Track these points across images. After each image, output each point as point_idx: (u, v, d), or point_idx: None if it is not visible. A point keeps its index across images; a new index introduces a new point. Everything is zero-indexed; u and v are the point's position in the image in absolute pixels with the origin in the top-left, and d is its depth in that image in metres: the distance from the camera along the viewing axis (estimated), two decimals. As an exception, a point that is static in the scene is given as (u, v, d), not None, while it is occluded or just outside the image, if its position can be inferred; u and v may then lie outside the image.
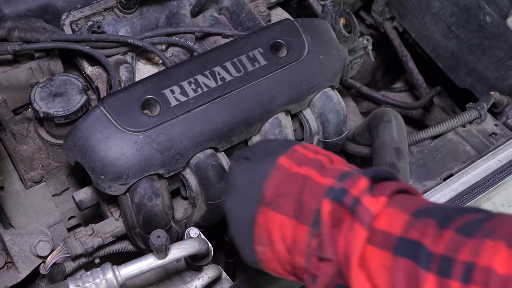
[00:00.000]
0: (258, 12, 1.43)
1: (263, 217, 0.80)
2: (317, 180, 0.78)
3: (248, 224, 0.82)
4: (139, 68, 1.32)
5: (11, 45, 1.23)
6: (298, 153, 0.84)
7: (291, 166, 0.82)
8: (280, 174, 0.81)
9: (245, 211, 0.83)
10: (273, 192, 0.80)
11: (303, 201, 0.77)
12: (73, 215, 1.31)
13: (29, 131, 1.29)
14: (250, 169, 0.86)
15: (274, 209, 0.79)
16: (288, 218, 0.78)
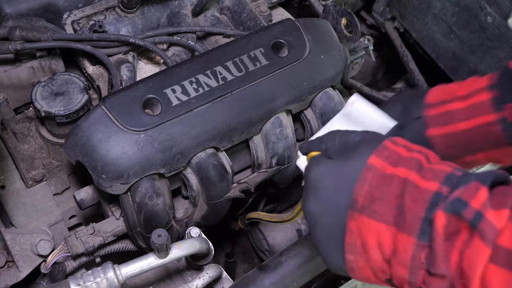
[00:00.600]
0: (259, 12, 1.43)
1: (356, 224, 0.74)
2: (418, 184, 0.71)
3: (336, 231, 0.76)
4: (140, 67, 1.33)
5: (12, 44, 1.23)
6: (389, 151, 0.76)
7: (384, 167, 0.74)
8: (373, 176, 0.74)
9: (333, 217, 0.77)
10: (366, 197, 0.73)
11: (404, 207, 0.70)
12: (74, 214, 1.31)
13: (30, 130, 1.29)
14: (335, 169, 0.78)
15: (369, 215, 0.73)
16: (386, 226, 0.71)
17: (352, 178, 0.75)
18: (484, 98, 0.94)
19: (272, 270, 1.10)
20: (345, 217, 0.75)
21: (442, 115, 0.98)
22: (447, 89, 1.00)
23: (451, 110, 0.97)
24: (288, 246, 1.15)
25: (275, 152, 1.21)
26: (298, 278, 1.11)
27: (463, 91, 0.97)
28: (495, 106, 0.93)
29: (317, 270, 1.13)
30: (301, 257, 1.12)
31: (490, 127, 0.94)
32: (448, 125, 0.97)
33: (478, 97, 0.95)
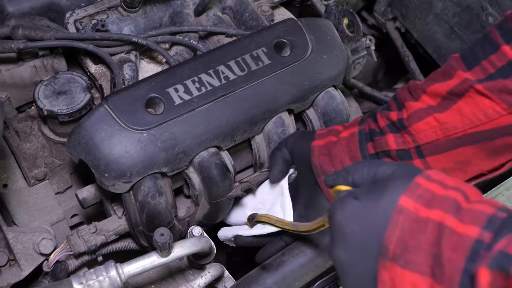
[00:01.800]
0: (261, 12, 1.43)
1: (388, 274, 0.68)
2: (456, 229, 0.64)
3: (368, 280, 0.71)
4: (143, 66, 1.33)
5: (15, 43, 1.23)
6: (422, 189, 0.69)
7: (417, 209, 0.67)
8: (405, 220, 0.67)
9: (363, 265, 0.71)
10: (398, 244, 0.67)
11: (442, 257, 0.64)
12: (76, 213, 1.31)
13: (32, 129, 1.29)
14: (362, 212, 0.71)
15: (402, 265, 0.66)
16: (422, 277, 0.65)
17: (382, 222, 0.69)
18: (356, 120, 1.13)
19: (274, 270, 1.10)
20: (376, 266, 0.69)
21: (326, 132, 1.14)
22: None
23: (333, 129, 1.14)
24: (291, 245, 1.15)
25: (277, 151, 1.22)
26: (300, 278, 1.11)
27: (348, 123, 1.17)
28: (360, 122, 1.11)
29: (319, 270, 1.14)
30: (303, 256, 1.12)
31: (350, 138, 1.09)
32: (325, 138, 1.12)
33: (353, 120, 1.14)
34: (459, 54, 1.03)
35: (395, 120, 1.05)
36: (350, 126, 1.13)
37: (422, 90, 1.04)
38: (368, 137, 1.08)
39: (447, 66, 1.04)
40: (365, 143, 1.07)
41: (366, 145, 1.07)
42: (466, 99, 0.98)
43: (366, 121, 1.10)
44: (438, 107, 1.01)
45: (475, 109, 0.97)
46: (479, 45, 0.99)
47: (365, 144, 1.07)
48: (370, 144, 1.07)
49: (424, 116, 1.02)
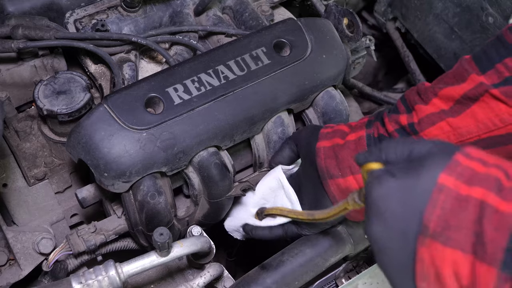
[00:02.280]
0: (261, 12, 1.43)
1: (428, 251, 0.67)
2: (499, 208, 0.63)
3: (406, 258, 0.69)
4: (143, 66, 1.33)
5: (15, 43, 1.23)
6: (463, 167, 0.67)
7: (458, 187, 0.66)
8: (446, 198, 0.66)
9: (401, 243, 0.69)
10: (439, 223, 0.66)
11: (484, 236, 0.63)
12: (76, 212, 1.31)
13: (32, 129, 1.29)
14: (400, 190, 0.69)
15: (443, 242, 0.65)
16: (463, 254, 0.64)
17: (421, 200, 0.67)
18: (362, 121, 1.10)
19: (274, 269, 1.10)
20: (414, 243, 0.68)
21: (331, 133, 1.11)
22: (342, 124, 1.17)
23: (338, 129, 1.11)
24: (290, 245, 1.16)
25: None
26: (299, 277, 1.11)
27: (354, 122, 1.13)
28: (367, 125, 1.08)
29: (319, 269, 1.14)
30: (302, 256, 1.12)
31: (359, 142, 1.06)
32: (331, 139, 1.09)
33: (360, 121, 1.11)
34: (471, 56, 1.00)
35: (405, 124, 1.03)
36: (356, 128, 1.09)
37: (433, 93, 1.02)
38: (377, 142, 1.05)
39: (459, 68, 1.01)
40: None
41: None
42: (480, 104, 0.96)
43: (374, 125, 1.07)
44: (451, 112, 0.99)
45: (490, 114, 0.95)
46: (493, 47, 0.97)
47: None
48: None
49: (437, 121, 1.00)
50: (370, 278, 1.16)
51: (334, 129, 1.12)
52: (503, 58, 0.94)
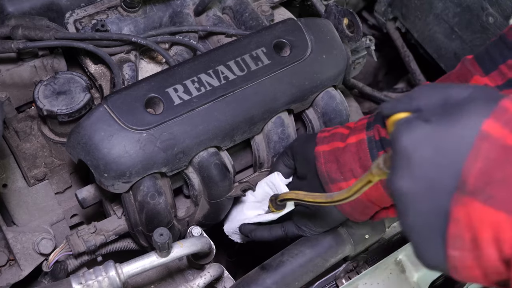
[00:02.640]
0: (261, 12, 1.43)
1: (465, 211, 0.58)
2: None
3: (436, 218, 0.60)
4: (142, 66, 1.33)
5: (15, 43, 1.23)
6: (511, 114, 0.58)
7: (505, 136, 0.57)
8: (490, 148, 0.56)
9: (432, 199, 0.60)
10: (480, 177, 0.56)
11: None
12: (76, 213, 1.31)
13: (32, 129, 1.29)
14: (435, 136, 0.59)
15: (484, 201, 0.56)
16: (507, 216, 0.55)
17: (461, 149, 0.57)
18: (362, 123, 1.05)
19: (274, 270, 1.10)
20: (449, 201, 0.58)
21: (329, 136, 1.08)
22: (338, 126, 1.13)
23: (336, 132, 1.07)
24: (290, 246, 1.16)
25: (277, 151, 1.21)
26: (299, 278, 1.11)
27: (352, 124, 1.08)
28: (367, 127, 1.02)
29: (319, 270, 1.14)
30: (302, 256, 1.12)
31: (359, 145, 1.01)
32: (330, 143, 1.06)
33: (359, 122, 1.05)
34: (473, 57, 0.98)
35: None
36: (356, 130, 1.05)
37: None
38: (379, 145, 1.00)
39: (462, 69, 0.98)
40: (376, 152, 1.00)
41: (377, 154, 1.00)
42: None
43: (374, 127, 1.02)
44: None
45: None
46: (496, 48, 0.94)
47: (376, 153, 1.00)
48: (382, 153, 0.98)
49: None
50: (371, 279, 1.16)
51: (332, 132, 1.09)
52: (506, 59, 0.93)
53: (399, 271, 1.18)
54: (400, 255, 1.19)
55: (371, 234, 1.18)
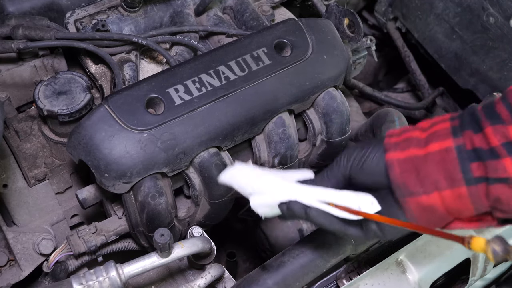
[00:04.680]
0: (262, 12, 1.43)
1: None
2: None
3: None
4: (143, 66, 1.33)
5: (15, 43, 1.23)
6: None
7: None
8: None
9: None
10: None
11: None
12: (76, 213, 1.31)
13: (32, 129, 1.29)
14: None
15: None
16: None
17: None
18: (444, 127, 0.92)
19: (275, 270, 1.10)
20: None
21: (402, 142, 0.94)
22: (409, 127, 0.99)
23: (410, 137, 0.94)
24: (291, 246, 1.15)
25: (278, 151, 1.21)
26: (300, 278, 1.11)
27: (425, 124, 0.96)
28: (453, 133, 0.90)
29: (320, 270, 1.13)
30: (303, 257, 1.12)
31: (445, 154, 0.90)
32: (405, 150, 0.93)
33: (439, 126, 0.93)
34: None
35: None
36: (438, 135, 0.92)
37: None
38: (472, 156, 0.88)
39: None
40: (468, 163, 0.88)
41: (470, 165, 0.88)
42: None
43: (464, 134, 0.89)
44: None
45: None
46: None
47: (468, 165, 0.88)
48: (476, 165, 0.88)
49: None
50: (372, 279, 1.16)
51: (404, 137, 0.95)
52: None
53: (400, 271, 1.18)
54: (401, 255, 1.19)
55: (372, 235, 1.17)
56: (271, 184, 1.00)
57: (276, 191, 1.00)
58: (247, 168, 1.02)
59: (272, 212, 1.02)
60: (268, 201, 1.01)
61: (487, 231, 1.24)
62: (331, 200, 0.95)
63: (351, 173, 0.98)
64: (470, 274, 1.27)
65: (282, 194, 0.99)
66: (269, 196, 1.01)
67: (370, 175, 0.96)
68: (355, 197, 0.94)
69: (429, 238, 1.21)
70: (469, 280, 1.28)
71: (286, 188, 0.99)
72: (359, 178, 0.98)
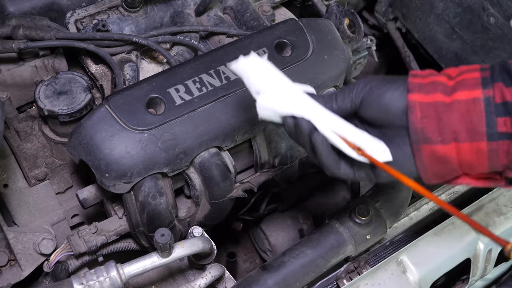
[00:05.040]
0: (262, 12, 1.43)
1: None
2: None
3: None
4: (144, 66, 1.33)
5: (16, 43, 1.23)
6: None
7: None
8: None
9: None
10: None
11: None
12: (77, 213, 1.31)
13: (33, 129, 1.29)
14: None
15: None
16: None
17: None
18: (473, 76, 0.87)
19: (275, 270, 1.10)
20: None
21: (427, 84, 0.88)
22: (434, 71, 0.93)
23: (436, 81, 0.88)
24: (291, 246, 1.15)
25: (278, 151, 1.21)
26: (301, 278, 1.11)
27: (452, 72, 0.90)
28: (483, 84, 0.85)
29: (320, 270, 1.14)
30: (304, 257, 1.12)
31: (472, 105, 0.85)
32: (429, 94, 0.87)
33: (468, 75, 0.88)
34: None
35: None
36: (465, 84, 0.86)
37: None
38: (500, 110, 0.84)
39: None
40: (495, 117, 0.84)
41: (496, 120, 0.84)
42: None
43: (494, 86, 0.85)
44: None
45: None
46: None
47: (494, 118, 0.84)
48: (503, 120, 0.84)
49: None
50: (372, 279, 1.16)
51: (430, 80, 0.89)
52: None
53: (400, 271, 1.18)
54: (401, 255, 1.19)
55: (372, 235, 1.18)
56: (285, 90, 0.91)
57: (289, 100, 0.91)
58: (263, 62, 0.94)
59: (275, 119, 0.94)
60: (276, 108, 0.92)
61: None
62: (346, 134, 0.88)
63: (362, 103, 0.90)
64: (470, 274, 1.27)
65: (295, 106, 0.90)
66: (279, 103, 0.91)
67: (383, 111, 0.89)
68: (371, 140, 0.88)
69: (429, 238, 1.21)
70: (469, 280, 1.28)
71: (301, 101, 0.90)
72: (368, 110, 0.90)
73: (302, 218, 1.61)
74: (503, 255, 1.30)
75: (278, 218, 1.62)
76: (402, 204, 1.23)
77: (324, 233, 1.16)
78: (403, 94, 0.88)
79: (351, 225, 1.17)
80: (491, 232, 0.81)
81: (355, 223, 1.17)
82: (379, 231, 1.19)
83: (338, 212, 1.20)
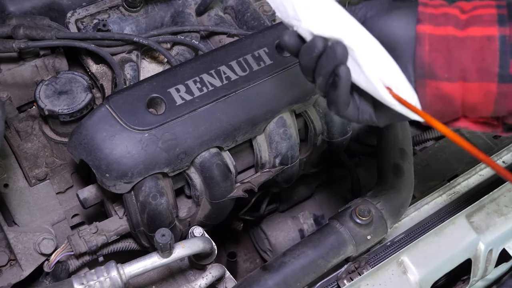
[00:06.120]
0: (263, 12, 1.43)
1: None
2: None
3: None
4: (144, 66, 1.33)
5: (16, 43, 1.23)
6: None
7: None
8: None
9: None
10: None
11: None
12: (77, 213, 1.31)
13: (33, 129, 1.29)
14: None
15: None
16: None
17: None
18: (489, 12, 0.81)
19: (275, 270, 1.10)
20: None
21: (439, 16, 0.81)
22: (445, 2, 0.85)
23: (448, 13, 0.81)
24: (292, 246, 1.15)
25: (279, 152, 1.21)
26: (301, 278, 1.11)
27: (465, 5, 0.83)
28: (499, 21, 0.79)
29: (321, 271, 1.13)
30: (304, 257, 1.12)
31: (486, 43, 0.79)
32: (441, 26, 0.80)
33: (483, 10, 0.81)
34: None
35: None
36: (481, 20, 0.80)
37: None
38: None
39: None
40: (509, 58, 0.78)
41: (510, 61, 0.78)
42: None
43: (511, 24, 0.79)
44: None
45: None
46: None
47: (508, 59, 0.78)
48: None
49: None
50: (372, 280, 1.16)
51: (442, 11, 0.82)
52: None
53: (401, 272, 1.18)
54: (402, 256, 1.19)
55: (373, 235, 1.17)
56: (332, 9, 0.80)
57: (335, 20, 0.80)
58: None
59: (303, 33, 0.85)
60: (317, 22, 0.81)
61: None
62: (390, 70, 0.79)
63: (368, 22, 0.83)
64: (471, 275, 1.27)
65: (340, 27, 0.79)
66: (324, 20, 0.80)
67: (385, 39, 0.81)
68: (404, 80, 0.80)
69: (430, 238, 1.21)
70: (470, 281, 1.28)
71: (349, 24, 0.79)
72: (374, 31, 0.82)
73: (302, 218, 1.61)
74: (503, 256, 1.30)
75: (279, 218, 1.62)
76: (402, 204, 1.23)
77: (324, 233, 1.16)
78: (410, 23, 0.81)
79: (351, 226, 1.17)
80: None
81: (356, 223, 1.16)
82: (379, 231, 1.18)
83: (339, 212, 1.20)
